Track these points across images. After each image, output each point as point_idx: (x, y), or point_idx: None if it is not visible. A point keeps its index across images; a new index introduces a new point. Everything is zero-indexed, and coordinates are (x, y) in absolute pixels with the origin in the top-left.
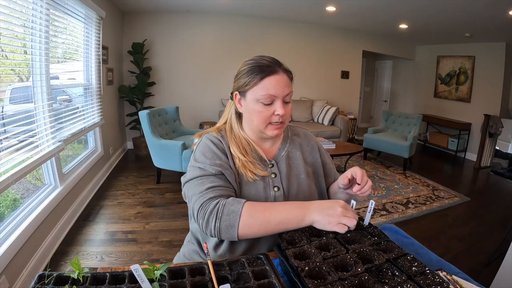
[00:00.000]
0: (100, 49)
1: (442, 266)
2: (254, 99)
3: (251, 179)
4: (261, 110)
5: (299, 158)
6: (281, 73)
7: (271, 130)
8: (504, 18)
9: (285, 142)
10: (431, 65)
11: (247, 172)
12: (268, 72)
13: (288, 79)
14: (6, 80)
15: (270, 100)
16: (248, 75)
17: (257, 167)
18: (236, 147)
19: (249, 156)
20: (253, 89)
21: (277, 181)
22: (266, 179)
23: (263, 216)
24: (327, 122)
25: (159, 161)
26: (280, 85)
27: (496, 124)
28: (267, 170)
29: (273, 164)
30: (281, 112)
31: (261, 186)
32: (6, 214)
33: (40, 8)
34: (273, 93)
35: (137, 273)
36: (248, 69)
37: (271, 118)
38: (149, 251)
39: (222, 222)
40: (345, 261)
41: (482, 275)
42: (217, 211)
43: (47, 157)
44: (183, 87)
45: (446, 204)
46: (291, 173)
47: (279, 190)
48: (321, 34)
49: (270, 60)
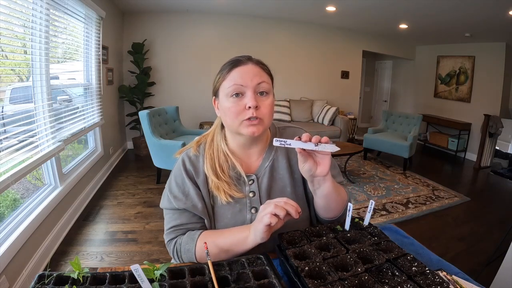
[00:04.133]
0: (100, 49)
1: (442, 266)
2: (224, 95)
3: (225, 201)
4: (231, 105)
5: (284, 167)
6: (250, 64)
7: (246, 127)
8: (504, 18)
9: (271, 150)
10: (431, 65)
11: (221, 194)
12: (235, 65)
13: (260, 70)
14: (6, 80)
15: (239, 91)
16: (218, 73)
17: (233, 188)
18: (211, 165)
19: (225, 175)
20: (222, 85)
21: (255, 201)
22: (242, 200)
23: (213, 247)
24: (327, 122)
25: (159, 161)
26: (248, 74)
27: (496, 124)
28: (245, 189)
29: (253, 180)
30: (251, 103)
31: (237, 208)
32: (6, 214)
33: (40, 8)
34: (240, 82)
35: (137, 273)
36: (220, 68)
37: (243, 113)
38: (149, 251)
39: (184, 259)
40: (345, 261)
41: (482, 275)
42: (177, 251)
43: (47, 157)
44: (183, 87)
45: (446, 204)
46: (274, 188)
47: (257, 212)
48: (321, 34)
49: (240, 56)
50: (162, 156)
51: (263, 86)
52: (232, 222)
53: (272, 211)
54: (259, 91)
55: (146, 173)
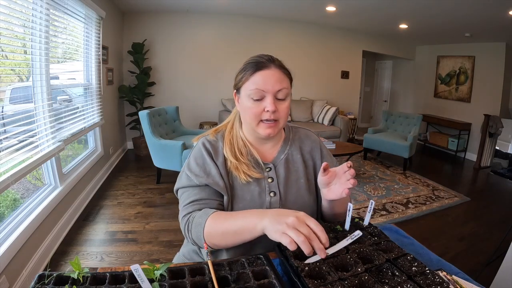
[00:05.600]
0: (100, 49)
1: (442, 266)
2: (246, 95)
3: (244, 181)
4: (251, 106)
5: (299, 161)
6: (273, 68)
7: (263, 128)
8: (504, 18)
9: (286, 144)
10: (431, 65)
11: (240, 174)
12: (259, 67)
13: (281, 75)
14: (6, 80)
15: (260, 96)
16: (242, 72)
17: (251, 169)
18: (230, 149)
19: (244, 157)
20: (245, 85)
21: (273, 186)
22: (262, 184)
23: (222, 227)
24: (327, 122)
25: (159, 161)
26: (270, 80)
27: (496, 124)
28: (264, 173)
29: (271, 168)
30: (270, 108)
31: (257, 191)
32: (6, 214)
33: (40, 8)
34: (262, 87)
35: (137, 273)
36: (243, 66)
37: (262, 115)
38: (149, 251)
39: (192, 234)
40: (345, 261)
41: (482, 275)
42: (188, 226)
43: (47, 157)
44: (183, 87)
45: (446, 204)
46: (290, 178)
47: (275, 196)
48: (321, 34)
49: (264, 57)
50: (162, 156)
51: (282, 92)
52: (251, 205)
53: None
54: (278, 97)
55: (146, 173)
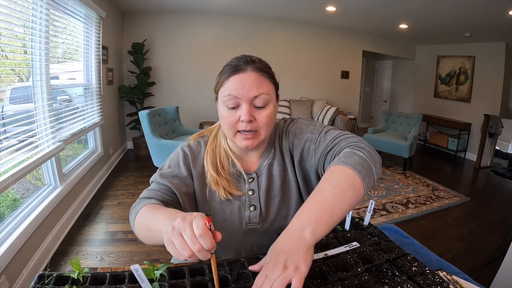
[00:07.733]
0: (100, 49)
1: (442, 266)
2: (221, 102)
3: (224, 198)
4: (227, 115)
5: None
6: (249, 72)
7: (240, 140)
8: (504, 18)
9: (270, 148)
10: (431, 65)
11: (220, 190)
12: (232, 71)
13: (260, 78)
14: (6, 80)
15: (234, 103)
16: (219, 76)
17: (232, 186)
18: (212, 160)
19: (225, 172)
20: (220, 91)
21: (254, 199)
22: (242, 198)
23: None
24: (327, 122)
25: (159, 161)
26: (245, 86)
27: (496, 124)
28: (244, 187)
29: (253, 178)
30: (245, 117)
31: (236, 206)
32: (6, 214)
33: (40, 8)
34: (235, 94)
35: (137, 273)
36: (222, 69)
37: (237, 125)
38: (149, 251)
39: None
40: (345, 261)
41: (482, 275)
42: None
43: (47, 157)
44: (183, 87)
45: (446, 204)
46: (273, 186)
47: (255, 210)
48: (321, 34)
49: (240, 59)
50: (162, 156)
51: (260, 99)
52: (231, 219)
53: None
54: (256, 104)
55: (146, 173)
